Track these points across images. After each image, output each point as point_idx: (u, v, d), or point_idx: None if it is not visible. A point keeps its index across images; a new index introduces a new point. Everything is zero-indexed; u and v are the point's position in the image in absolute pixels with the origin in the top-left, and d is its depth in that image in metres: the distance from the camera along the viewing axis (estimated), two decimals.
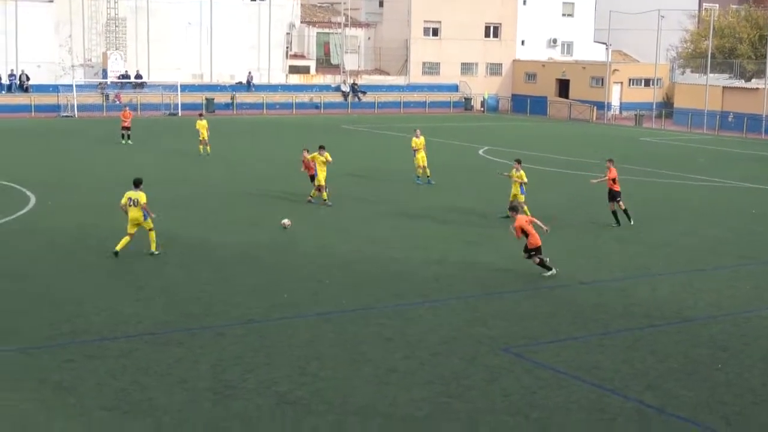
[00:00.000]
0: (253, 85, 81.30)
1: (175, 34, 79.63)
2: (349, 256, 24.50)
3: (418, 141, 37.87)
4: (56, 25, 76.14)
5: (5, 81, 72.08)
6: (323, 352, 16.74)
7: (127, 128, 51.67)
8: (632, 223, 28.51)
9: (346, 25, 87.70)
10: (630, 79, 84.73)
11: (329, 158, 31.36)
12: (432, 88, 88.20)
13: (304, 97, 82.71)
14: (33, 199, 31.55)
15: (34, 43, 74.36)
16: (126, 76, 76.56)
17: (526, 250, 22.55)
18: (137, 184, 23.69)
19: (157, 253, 23.69)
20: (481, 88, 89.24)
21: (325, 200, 31.63)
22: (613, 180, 28.40)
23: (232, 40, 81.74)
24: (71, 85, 71.84)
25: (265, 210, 30.92)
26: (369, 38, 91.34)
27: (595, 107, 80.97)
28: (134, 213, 23.31)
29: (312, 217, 29.80)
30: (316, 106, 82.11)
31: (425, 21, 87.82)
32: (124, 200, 23.47)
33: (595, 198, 31.85)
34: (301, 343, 17.26)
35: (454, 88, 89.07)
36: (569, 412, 14.09)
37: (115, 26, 77.70)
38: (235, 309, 19.41)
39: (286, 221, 27.13)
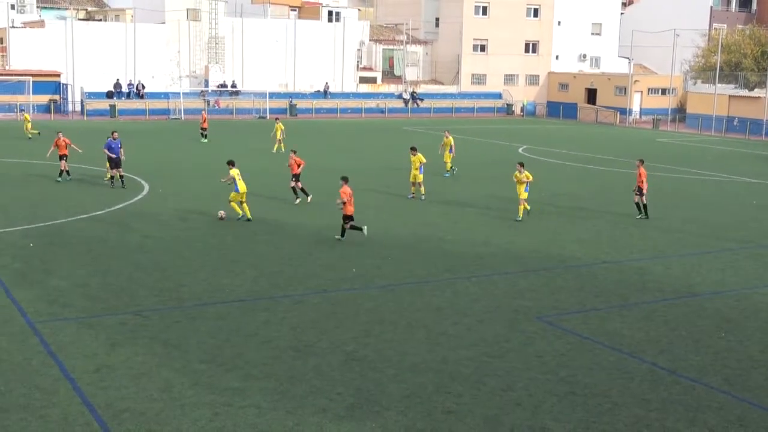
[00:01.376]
0: (329, 93, 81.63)
1: (265, 50, 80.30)
2: (406, 238, 24.51)
3: (448, 140, 37.67)
4: (167, 42, 77.15)
5: (125, 89, 73.16)
6: (384, 318, 16.80)
7: (204, 129, 52.03)
8: (648, 218, 27.95)
9: (407, 43, 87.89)
10: (649, 89, 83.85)
11: (423, 159, 30.94)
12: (479, 95, 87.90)
13: (371, 103, 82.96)
14: (147, 187, 32.01)
15: (149, 57, 75.50)
16: (224, 85, 77.33)
17: (344, 218, 23.23)
18: (232, 163, 25.91)
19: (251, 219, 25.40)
20: (521, 95, 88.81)
21: (419, 194, 30.96)
22: (642, 179, 27.85)
23: (312, 55, 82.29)
24: (179, 93, 72.75)
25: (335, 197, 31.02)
26: (427, 54, 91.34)
27: (618, 112, 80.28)
28: (243, 186, 25.50)
29: (372, 205, 29.78)
30: (382, 111, 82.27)
31: (474, 39, 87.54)
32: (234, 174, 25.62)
33: (615, 190, 31.49)
34: (365, 310, 17.33)
35: (498, 95, 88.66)
36: (593, 371, 14.01)
37: (215, 43, 78.49)
38: (311, 280, 19.54)
39: (221, 213, 26.33)
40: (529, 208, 27.38)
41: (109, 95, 71.88)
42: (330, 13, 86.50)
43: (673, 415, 12.31)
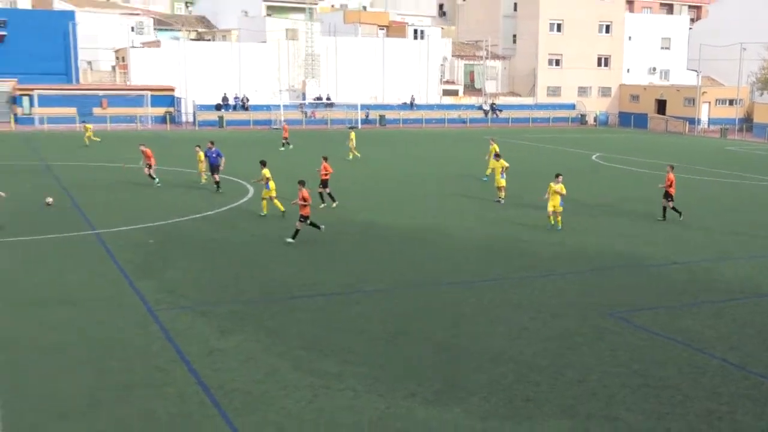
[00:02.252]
0: (415, 104, 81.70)
1: (357, 65, 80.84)
2: (487, 238, 24.39)
3: (493, 147, 37.16)
4: (268, 60, 78.37)
5: (232, 102, 74.58)
6: (467, 312, 16.75)
7: (286, 138, 52.62)
8: (681, 218, 26.97)
9: (487, 58, 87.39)
10: (716, 99, 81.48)
11: (505, 164, 30.74)
12: (554, 106, 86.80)
13: (453, 114, 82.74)
14: (251, 191, 32.53)
15: (252, 73, 76.83)
16: (319, 97, 78.14)
17: (301, 218, 22.61)
18: (264, 163, 26.96)
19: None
20: (594, 106, 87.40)
21: (499, 197, 30.69)
22: (670, 184, 26.96)
23: (399, 70, 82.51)
24: (279, 105, 73.80)
25: (423, 200, 31.08)
26: (505, 68, 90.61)
27: (687, 122, 78.26)
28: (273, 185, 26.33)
29: (454, 208, 29.70)
30: (463, 121, 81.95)
31: (549, 54, 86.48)
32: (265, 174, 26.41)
33: (686, 196, 30.72)
34: (450, 304, 17.30)
35: (572, 106, 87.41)
36: (665, 365, 13.70)
37: (312, 60, 79.35)
38: (401, 276, 19.60)
39: (49, 199, 27.43)
40: (553, 220, 25.49)
41: (218, 107, 73.39)
42: (415, 31, 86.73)
43: (741, 409, 11.98)
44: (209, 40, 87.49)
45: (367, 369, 13.33)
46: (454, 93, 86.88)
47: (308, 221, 22.74)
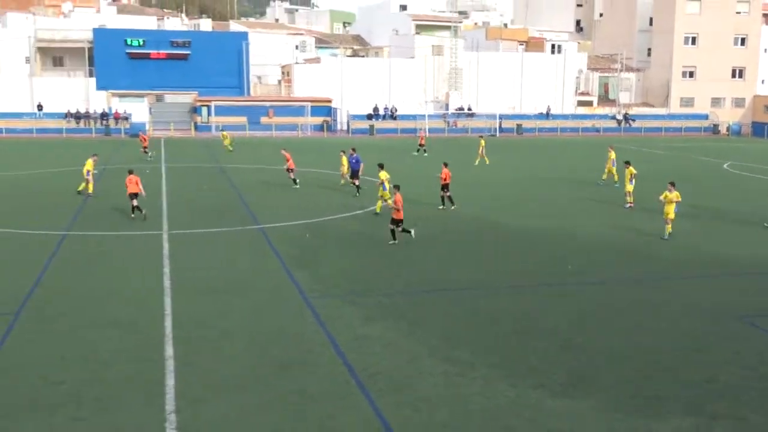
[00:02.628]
0: (551, 114, 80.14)
1: (497, 78, 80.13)
2: (614, 240, 23.52)
3: (612, 154, 36.03)
4: (416, 73, 78.92)
5: (382, 112, 75.56)
6: (596, 310, 16.23)
7: (422, 145, 52.43)
8: None
9: (621, 70, 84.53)
10: None
11: (633, 171, 29.66)
12: (687, 116, 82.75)
13: (587, 123, 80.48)
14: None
15: (401, 86, 77.57)
16: (461, 108, 77.96)
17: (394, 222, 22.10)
18: (382, 166, 26.61)
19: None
20: (727, 116, 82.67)
21: (626, 202, 29.64)
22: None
23: (537, 82, 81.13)
24: (424, 115, 74.18)
25: (554, 203, 30.38)
26: (639, 80, 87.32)
27: None
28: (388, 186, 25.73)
29: (585, 211, 28.85)
30: (597, 130, 79.55)
31: (683, 66, 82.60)
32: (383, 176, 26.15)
33: None
34: (579, 302, 16.83)
35: (705, 116, 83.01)
36: None
37: (455, 74, 79.27)
38: (530, 274, 19.24)
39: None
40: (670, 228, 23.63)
41: (369, 117, 74.52)
42: (553, 46, 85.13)
43: None
44: (363, 56, 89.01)
45: (498, 359, 13.19)
46: (589, 103, 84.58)
47: (400, 226, 22.37)
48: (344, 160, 34.36)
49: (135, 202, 25.38)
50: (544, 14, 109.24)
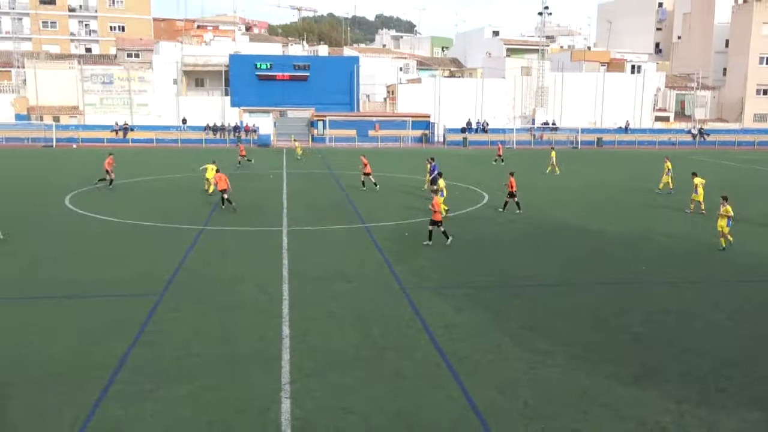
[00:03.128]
0: (629, 129, 77.49)
1: (579, 95, 78.24)
2: (687, 244, 22.50)
3: (667, 165, 35.07)
4: (506, 92, 77.92)
5: (474, 126, 74.98)
6: (667, 307, 15.59)
7: (500, 156, 51.77)
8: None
9: (697, 88, 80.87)
10: None
11: (702, 181, 28.61)
12: (760, 131, 78.19)
13: (664, 137, 77.32)
14: (486, 197, 32.53)
15: (492, 103, 76.77)
16: (546, 122, 76.46)
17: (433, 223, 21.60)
18: (441, 174, 26.70)
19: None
20: None
21: (698, 210, 28.37)
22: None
23: (616, 99, 78.64)
24: (512, 129, 73.22)
25: (630, 209, 29.34)
26: (714, 97, 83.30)
27: None
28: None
29: (651, 216, 27.74)
30: (673, 143, 76.33)
31: (758, 84, 78.35)
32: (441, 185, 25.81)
33: None
34: (651, 300, 16.20)
35: None
36: None
37: (542, 92, 77.82)
38: (607, 273, 18.65)
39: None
40: (731, 239, 21.89)
41: (463, 130, 74.09)
42: (633, 66, 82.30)
43: None
44: (459, 76, 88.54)
45: (574, 350, 12.88)
46: (666, 119, 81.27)
47: (439, 226, 21.74)
48: (429, 168, 34.28)
49: (225, 195, 27.39)
50: (626, 38, 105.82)
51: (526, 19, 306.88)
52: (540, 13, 78.13)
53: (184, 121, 71.25)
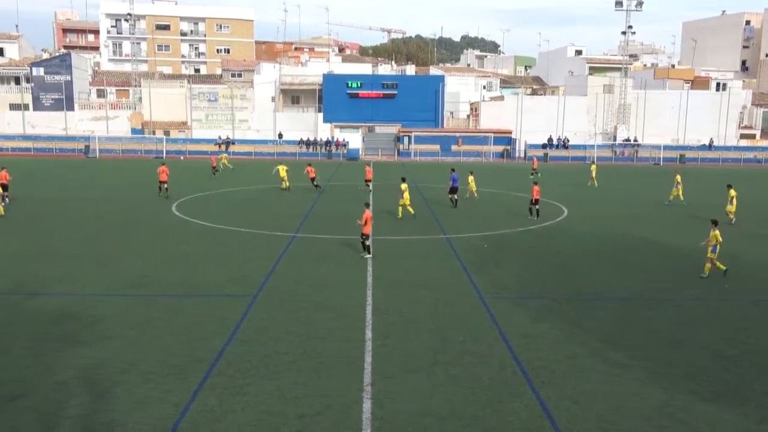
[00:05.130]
0: (713, 146, 73.94)
1: (662, 113, 75.41)
2: (752, 259, 21.24)
3: (677, 177, 35.40)
4: (587, 109, 76.01)
5: (555, 142, 73.45)
6: (750, 326, 14.71)
7: (535, 169, 50.76)
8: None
9: None
10: None
11: (733, 192, 27.42)
12: None
13: (749, 155, 73.38)
14: (566, 212, 31.75)
15: (573, 119, 75.04)
16: (627, 139, 73.99)
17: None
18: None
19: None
20: None
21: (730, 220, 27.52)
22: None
23: (700, 116, 75.30)
24: (593, 145, 71.30)
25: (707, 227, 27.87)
26: None
27: None
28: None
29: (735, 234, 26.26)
30: (758, 161, 72.40)
31: None
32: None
33: None
34: (733, 317, 15.33)
35: None
36: None
37: (623, 109, 75.45)
38: (684, 288, 17.77)
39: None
40: (723, 267, 19.16)
41: (544, 146, 72.73)
42: (718, 84, 78.54)
43: None
44: (541, 94, 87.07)
45: (652, 364, 12.33)
46: (752, 137, 77.11)
47: (363, 239, 20.89)
48: (471, 179, 35.81)
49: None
50: (711, 55, 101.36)
51: (608, 39, 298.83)
52: (623, 33, 75.87)
53: (280, 135, 73.19)
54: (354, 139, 72.62)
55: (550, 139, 73.32)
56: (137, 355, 12.42)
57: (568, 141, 73.47)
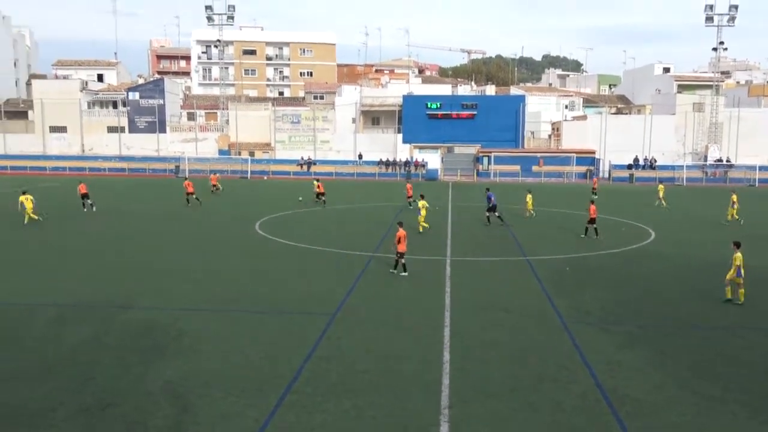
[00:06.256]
0: None
1: (757, 132, 71.75)
2: None
3: (734, 198, 34.93)
4: (675, 128, 73.30)
5: (641, 162, 71.11)
6: None
7: (595, 189, 49.63)
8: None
9: None
10: None
11: None
12: None
13: None
14: (653, 235, 30.57)
15: (660, 139, 72.51)
16: (719, 159, 70.73)
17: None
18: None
19: None
20: None
21: None
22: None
23: None
24: (682, 166, 68.60)
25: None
26: None
27: None
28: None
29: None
30: None
31: None
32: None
33: None
34: None
35: None
36: None
37: (715, 128, 72.31)
38: (715, 321, 16.73)
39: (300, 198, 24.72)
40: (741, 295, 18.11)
41: (629, 167, 70.56)
42: None
43: None
44: (626, 113, 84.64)
45: (748, 398, 11.62)
46: None
47: (398, 257, 21.13)
48: (529, 197, 36.61)
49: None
50: None
51: (698, 56, 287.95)
52: (714, 49, 72.88)
53: (360, 156, 74.18)
54: (433, 159, 72.71)
55: (635, 160, 71.03)
56: (220, 369, 12.75)
57: (655, 161, 70.98)
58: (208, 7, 78.39)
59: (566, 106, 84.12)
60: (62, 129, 77.95)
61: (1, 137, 78.53)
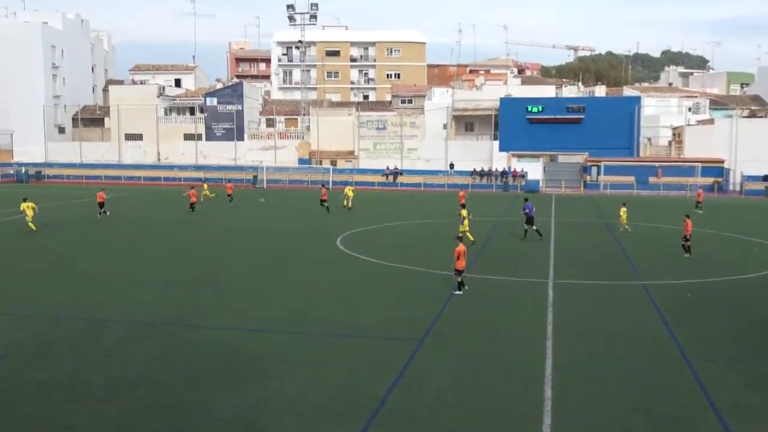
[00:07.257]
0: None
1: None
2: None
3: None
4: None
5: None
6: None
7: (699, 202, 48.73)
8: None
9: None
10: None
11: None
12: None
13: None
14: None
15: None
16: None
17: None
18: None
19: None
20: None
21: None
22: None
23: None
24: None
25: None
26: None
27: None
28: None
29: None
30: None
31: None
32: None
33: None
34: None
35: None
36: None
37: None
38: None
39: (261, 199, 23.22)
40: None
41: (764, 178, 67.08)
42: None
43: None
44: (762, 116, 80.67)
45: None
46: None
47: (456, 274, 21.55)
48: (623, 210, 36.57)
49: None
50: None
51: None
52: None
53: (452, 165, 74.05)
54: (534, 169, 71.67)
55: None
56: (295, 397, 12.96)
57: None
58: (290, 6, 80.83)
59: (690, 109, 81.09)
60: (138, 137, 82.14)
61: (77, 145, 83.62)
